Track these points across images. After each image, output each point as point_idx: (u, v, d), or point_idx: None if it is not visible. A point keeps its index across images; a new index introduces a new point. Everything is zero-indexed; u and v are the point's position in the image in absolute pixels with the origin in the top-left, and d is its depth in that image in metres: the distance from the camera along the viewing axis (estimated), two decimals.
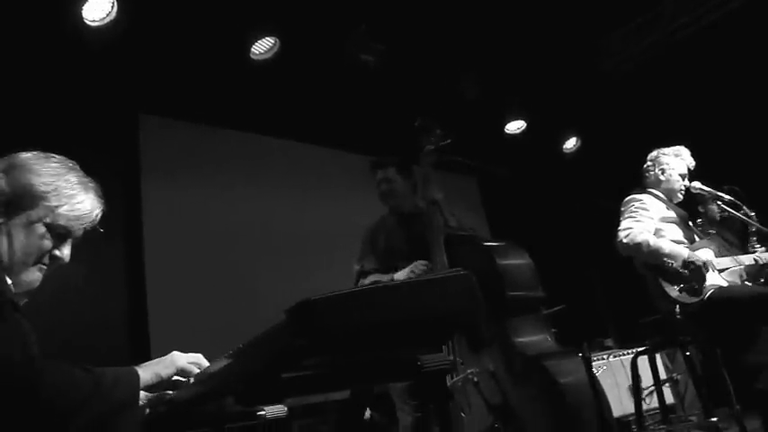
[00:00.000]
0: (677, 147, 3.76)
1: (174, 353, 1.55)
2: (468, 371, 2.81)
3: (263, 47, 4.62)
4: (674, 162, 3.69)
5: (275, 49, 4.64)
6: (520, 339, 2.84)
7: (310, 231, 5.54)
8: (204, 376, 1.44)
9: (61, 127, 4.33)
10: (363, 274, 3.42)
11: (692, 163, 3.72)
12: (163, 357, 1.53)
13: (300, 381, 1.16)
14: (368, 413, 4.05)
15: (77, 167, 1.62)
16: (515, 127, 6.64)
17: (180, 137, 5.18)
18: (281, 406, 2.49)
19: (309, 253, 5.43)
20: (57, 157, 1.61)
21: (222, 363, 1.34)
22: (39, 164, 1.54)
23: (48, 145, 4.34)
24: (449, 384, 2.91)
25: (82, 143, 4.31)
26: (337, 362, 1.14)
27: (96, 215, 1.60)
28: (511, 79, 6.18)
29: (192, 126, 5.26)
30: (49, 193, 1.51)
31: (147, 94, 4.87)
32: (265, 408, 2.41)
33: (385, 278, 3.26)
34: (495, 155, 5.91)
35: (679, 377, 4.74)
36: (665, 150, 3.75)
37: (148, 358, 1.55)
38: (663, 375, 4.39)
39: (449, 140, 3.25)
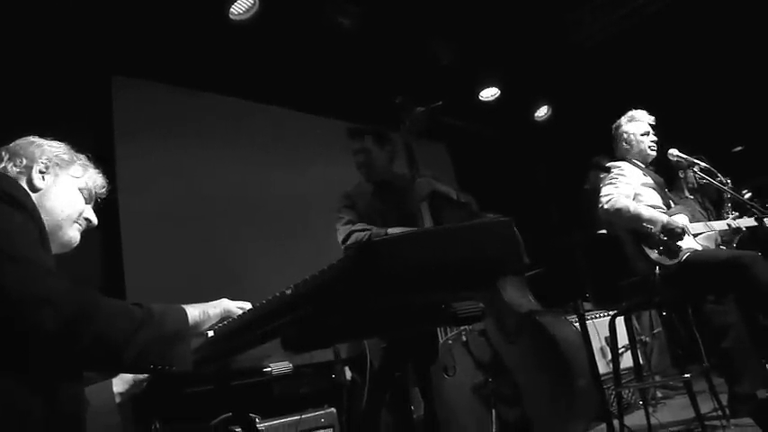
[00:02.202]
0: (629, 113, 3.89)
1: (224, 299, 1.59)
2: (461, 328, 2.88)
3: (242, 6, 4.50)
4: (632, 126, 3.83)
5: (254, 9, 4.53)
6: (510, 299, 2.93)
7: (287, 196, 5.51)
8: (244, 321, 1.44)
9: (32, 89, 4.17)
10: (352, 222, 3.38)
11: (650, 119, 3.84)
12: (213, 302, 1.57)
13: (348, 325, 1.17)
14: (348, 374, 4.07)
15: None
16: (489, 94, 6.69)
17: (154, 99, 5.04)
18: (287, 362, 2.53)
19: (286, 217, 5.41)
20: None
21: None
22: (48, 142, 1.61)
23: (19, 107, 4.16)
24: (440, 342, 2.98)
25: (54, 105, 4.17)
26: (385, 305, 1.14)
27: (105, 189, 1.72)
28: (485, 47, 6.20)
29: (168, 88, 5.12)
30: (73, 161, 1.62)
31: (120, 54, 4.69)
32: (271, 365, 2.44)
33: (379, 231, 3.26)
34: (470, 120, 5.93)
35: (647, 339, 4.90)
36: (620, 121, 3.91)
37: None
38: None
39: (440, 102, 3.26)
